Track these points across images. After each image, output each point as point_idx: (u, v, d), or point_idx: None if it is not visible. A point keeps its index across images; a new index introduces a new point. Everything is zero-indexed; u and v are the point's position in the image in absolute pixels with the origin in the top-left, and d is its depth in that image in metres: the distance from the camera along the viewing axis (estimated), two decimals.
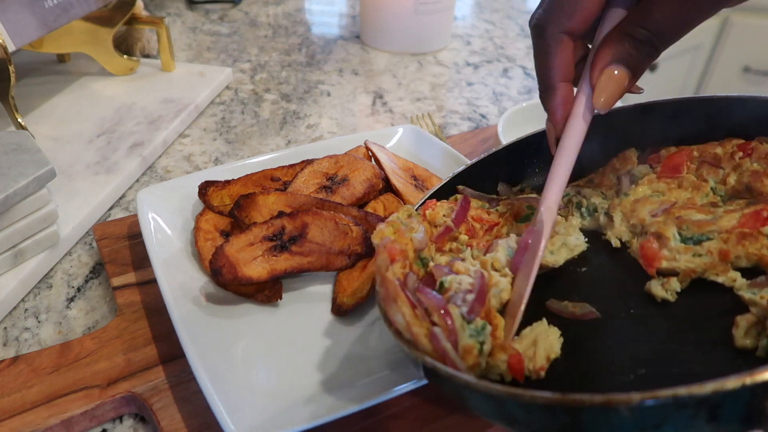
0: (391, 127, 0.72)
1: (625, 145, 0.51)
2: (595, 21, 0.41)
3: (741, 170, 0.44)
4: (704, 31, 2.04)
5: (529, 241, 0.42)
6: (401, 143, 0.70)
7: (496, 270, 0.41)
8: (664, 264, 0.41)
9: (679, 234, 0.41)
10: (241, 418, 0.38)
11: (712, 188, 0.45)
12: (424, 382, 0.40)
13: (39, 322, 0.53)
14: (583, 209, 0.48)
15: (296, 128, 0.84)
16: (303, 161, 0.62)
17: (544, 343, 0.37)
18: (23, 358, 0.47)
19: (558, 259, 0.44)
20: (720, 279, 0.39)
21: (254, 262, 0.49)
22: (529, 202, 0.48)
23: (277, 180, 0.60)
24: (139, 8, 0.90)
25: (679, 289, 0.39)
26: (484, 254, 0.43)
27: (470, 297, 0.36)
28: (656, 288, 0.40)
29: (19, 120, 0.70)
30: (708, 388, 0.24)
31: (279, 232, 0.51)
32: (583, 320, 0.40)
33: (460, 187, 0.51)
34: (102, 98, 0.84)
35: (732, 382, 0.24)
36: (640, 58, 0.39)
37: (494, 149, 0.53)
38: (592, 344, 0.38)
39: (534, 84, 1.00)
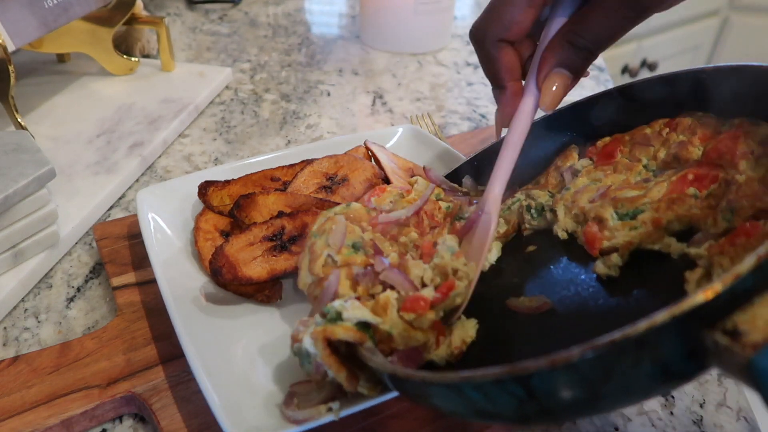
0: (390, 127, 0.72)
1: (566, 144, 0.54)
2: (533, 28, 0.46)
3: (669, 144, 0.46)
4: (704, 31, 2.04)
5: (478, 225, 0.45)
6: (401, 143, 0.70)
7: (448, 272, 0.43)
8: (605, 243, 0.42)
9: (616, 213, 0.43)
10: (241, 418, 0.38)
11: (644, 166, 0.47)
12: None
13: (39, 322, 0.53)
14: (533, 210, 0.50)
15: (296, 128, 0.84)
16: (303, 161, 0.62)
17: (460, 330, 0.40)
18: (23, 358, 0.47)
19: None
20: (656, 246, 0.40)
21: (254, 262, 0.49)
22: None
23: (276, 180, 0.60)
24: (139, 8, 0.90)
25: (620, 263, 0.41)
26: (420, 257, 0.45)
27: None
28: (599, 267, 0.41)
29: (19, 120, 0.70)
30: (641, 327, 0.24)
31: (279, 232, 0.51)
32: (539, 311, 0.41)
33: (427, 166, 0.56)
34: (102, 98, 0.84)
35: (661, 316, 0.24)
36: (580, 62, 0.44)
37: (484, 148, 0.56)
38: (537, 331, 0.40)
39: None
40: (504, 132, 0.49)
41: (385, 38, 1.08)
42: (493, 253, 0.48)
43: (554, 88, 0.44)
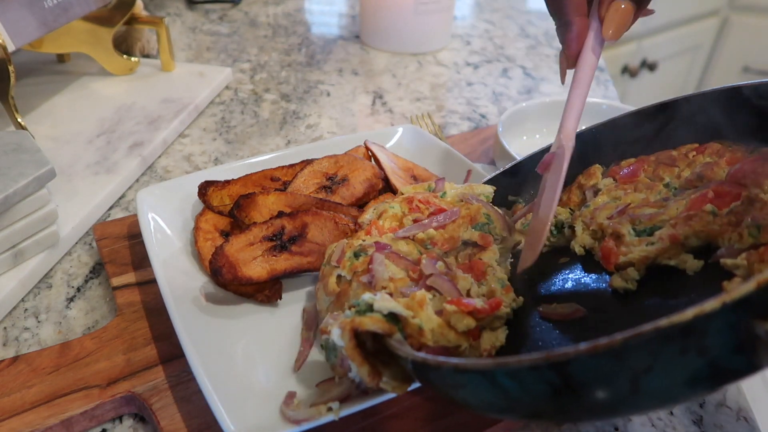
0: (390, 127, 0.72)
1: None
2: None
3: (694, 165, 0.46)
4: (704, 31, 2.04)
5: (554, 161, 0.45)
6: (401, 143, 0.70)
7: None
8: (621, 258, 0.42)
9: (634, 229, 0.43)
10: (241, 418, 0.38)
11: (665, 184, 0.47)
12: None
13: (39, 322, 0.53)
14: (552, 228, 0.50)
15: (296, 128, 0.84)
16: (303, 161, 0.62)
17: (489, 335, 0.40)
18: (23, 358, 0.47)
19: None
20: (672, 262, 0.40)
21: (254, 262, 0.49)
22: (487, 209, 0.49)
23: (276, 180, 0.60)
24: (139, 8, 0.90)
25: (637, 277, 0.41)
26: (465, 270, 0.45)
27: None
28: (616, 281, 0.41)
29: (19, 120, 0.70)
30: (688, 314, 0.23)
31: (279, 232, 0.51)
32: (572, 318, 0.41)
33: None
34: (102, 98, 0.84)
35: (711, 304, 0.23)
36: None
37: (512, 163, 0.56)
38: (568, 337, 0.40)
39: (533, 84, 1.00)
40: (568, 76, 0.48)
41: (385, 38, 1.08)
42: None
43: (617, 17, 0.43)
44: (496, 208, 0.50)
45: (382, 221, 0.49)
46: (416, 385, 0.37)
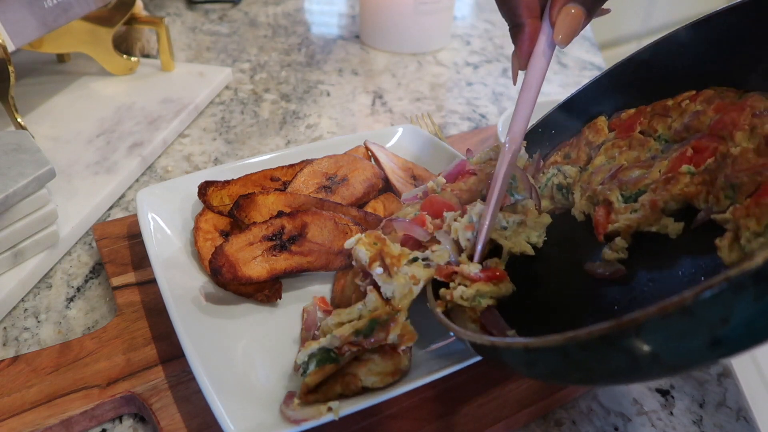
0: (390, 127, 0.72)
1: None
2: None
3: (685, 114, 0.45)
4: None
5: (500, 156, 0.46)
6: (401, 143, 0.70)
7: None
8: (609, 227, 0.42)
9: (622, 195, 0.43)
10: (241, 418, 0.38)
11: (657, 137, 0.46)
12: (425, 381, 0.40)
13: (39, 322, 0.53)
14: (563, 190, 0.50)
15: (296, 128, 0.84)
16: (302, 161, 0.62)
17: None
18: (23, 358, 0.47)
19: (513, 245, 0.46)
20: (654, 228, 0.40)
21: (254, 261, 0.49)
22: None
23: (276, 180, 0.60)
24: (139, 8, 0.90)
25: (626, 245, 0.41)
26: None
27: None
28: (607, 253, 0.42)
29: (19, 120, 0.70)
30: (758, 258, 0.22)
31: (278, 231, 0.51)
32: (614, 277, 0.41)
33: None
34: (101, 98, 0.84)
35: None
36: None
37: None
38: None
39: None
40: (520, 77, 0.49)
41: (385, 38, 1.08)
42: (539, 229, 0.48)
43: (568, 22, 0.43)
44: (520, 168, 0.50)
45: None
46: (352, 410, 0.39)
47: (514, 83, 0.49)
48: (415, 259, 0.43)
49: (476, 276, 0.41)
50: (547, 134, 0.56)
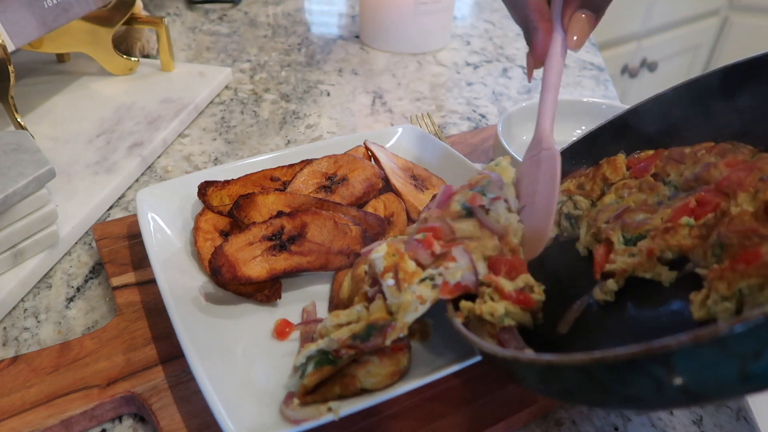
0: (390, 127, 0.72)
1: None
2: None
3: (699, 164, 0.46)
4: (704, 31, 2.04)
5: (542, 162, 0.47)
6: (401, 143, 0.70)
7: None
8: (607, 267, 0.42)
9: (623, 237, 0.43)
10: (241, 418, 0.38)
11: (667, 183, 0.47)
12: (425, 381, 0.40)
13: (38, 322, 0.53)
14: (572, 220, 0.50)
15: (296, 128, 0.84)
16: (302, 161, 0.62)
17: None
18: (23, 358, 0.47)
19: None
20: (648, 275, 0.40)
21: (253, 261, 0.49)
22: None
23: (276, 180, 0.60)
24: (139, 8, 0.90)
25: (616, 289, 0.41)
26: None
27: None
28: (597, 292, 0.42)
29: (19, 120, 0.70)
30: None
31: (278, 231, 0.51)
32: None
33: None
34: (101, 98, 0.84)
35: None
36: (601, 1, 0.47)
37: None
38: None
39: (533, 84, 1.00)
40: (534, 76, 0.52)
41: (385, 38, 1.08)
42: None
43: (579, 27, 0.47)
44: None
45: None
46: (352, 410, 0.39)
47: (529, 81, 0.53)
48: (426, 279, 0.42)
49: (509, 294, 0.41)
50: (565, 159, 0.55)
